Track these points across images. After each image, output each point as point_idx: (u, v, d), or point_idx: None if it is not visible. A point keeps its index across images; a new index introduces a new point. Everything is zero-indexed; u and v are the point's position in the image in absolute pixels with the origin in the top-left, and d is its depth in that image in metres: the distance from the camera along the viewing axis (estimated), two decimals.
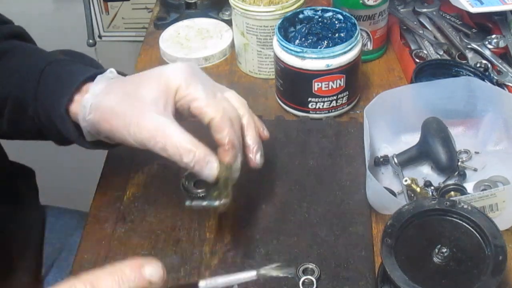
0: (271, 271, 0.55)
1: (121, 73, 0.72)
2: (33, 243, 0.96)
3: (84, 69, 0.71)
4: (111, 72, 0.70)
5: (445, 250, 0.60)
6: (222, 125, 0.64)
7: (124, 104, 0.64)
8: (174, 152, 0.62)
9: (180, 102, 0.65)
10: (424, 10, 1.04)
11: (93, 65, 0.75)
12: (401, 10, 1.05)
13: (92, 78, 0.69)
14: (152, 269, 0.47)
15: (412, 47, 1.00)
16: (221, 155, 0.64)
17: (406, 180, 0.75)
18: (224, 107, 0.65)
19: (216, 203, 0.64)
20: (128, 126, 0.63)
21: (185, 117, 0.67)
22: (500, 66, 0.93)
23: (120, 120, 0.64)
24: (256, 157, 0.69)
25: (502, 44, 0.95)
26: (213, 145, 0.65)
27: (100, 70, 0.71)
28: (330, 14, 0.90)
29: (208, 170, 0.63)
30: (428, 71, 0.91)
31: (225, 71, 1.02)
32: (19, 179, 0.97)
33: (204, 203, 0.65)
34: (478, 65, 0.93)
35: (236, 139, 0.65)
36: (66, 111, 0.68)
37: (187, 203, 0.66)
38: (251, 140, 0.68)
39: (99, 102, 0.66)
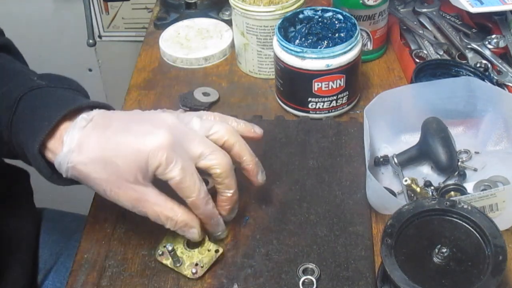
0: None
1: (99, 105, 0.70)
2: (27, 246, 0.94)
3: (60, 104, 0.68)
4: (82, 119, 0.66)
5: (445, 250, 0.60)
6: (195, 205, 0.67)
7: (100, 172, 0.64)
8: (156, 219, 0.66)
9: (159, 176, 0.66)
10: (424, 10, 1.04)
11: (72, 87, 0.73)
12: (401, 10, 1.05)
13: (69, 117, 0.67)
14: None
15: (412, 47, 1.00)
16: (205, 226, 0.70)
17: (406, 180, 0.75)
18: (199, 186, 0.66)
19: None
20: (105, 192, 0.66)
21: None
22: (500, 66, 0.93)
23: (97, 186, 0.66)
24: (258, 178, 0.72)
25: (502, 44, 0.95)
26: None
27: (77, 102, 0.68)
28: (330, 14, 0.90)
29: (191, 234, 0.68)
30: (428, 71, 0.91)
31: (225, 71, 1.02)
32: (12, 181, 0.97)
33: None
34: (478, 65, 0.93)
35: (210, 215, 0.69)
36: (39, 151, 0.66)
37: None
38: (249, 165, 0.71)
39: (73, 164, 0.65)
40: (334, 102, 0.88)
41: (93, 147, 0.65)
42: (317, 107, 0.88)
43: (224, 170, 0.67)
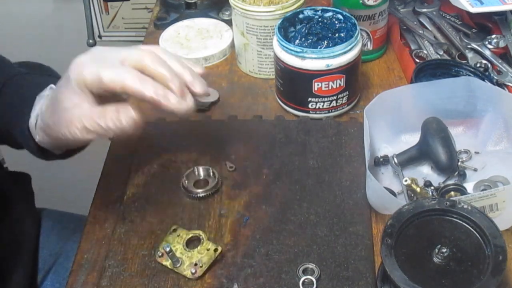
0: None
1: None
2: (28, 247, 0.95)
3: (39, 85, 0.76)
4: (50, 88, 0.75)
5: (445, 250, 0.60)
6: (132, 85, 0.64)
7: (53, 118, 0.69)
8: (94, 126, 0.65)
9: (93, 90, 0.65)
10: (424, 10, 1.04)
11: (48, 73, 0.81)
12: (401, 10, 1.05)
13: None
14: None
15: (412, 47, 1.00)
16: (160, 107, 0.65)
17: (406, 180, 0.75)
18: (126, 66, 0.65)
19: None
20: (59, 132, 0.67)
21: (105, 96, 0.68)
22: (500, 66, 0.93)
23: (56, 133, 0.68)
24: (195, 88, 0.68)
25: (502, 44, 0.95)
26: None
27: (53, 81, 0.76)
28: (330, 14, 0.90)
29: (126, 115, 0.64)
30: (428, 71, 0.91)
31: (225, 71, 1.02)
32: (14, 184, 0.97)
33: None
34: (478, 65, 0.93)
35: (153, 89, 0.64)
36: (28, 129, 0.74)
37: None
38: (172, 83, 0.66)
39: (40, 122, 0.72)
40: (334, 102, 0.88)
41: (49, 104, 0.71)
42: (317, 107, 0.88)
43: (152, 58, 0.65)
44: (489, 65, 0.93)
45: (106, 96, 0.66)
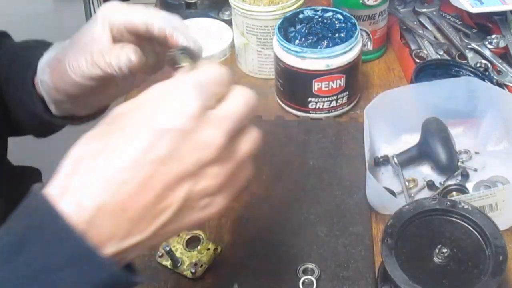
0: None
1: None
2: None
3: (41, 49, 0.73)
4: (69, 41, 0.71)
5: (446, 250, 0.60)
6: (156, 20, 0.60)
7: (65, 50, 0.65)
8: (98, 59, 0.61)
9: (115, 29, 0.63)
10: (424, 10, 1.04)
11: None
12: (401, 10, 1.05)
13: None
14: None
15: (412, 47, 1.00)
16: (170, 42, 0.60)
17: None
18: (155, 10, 0.63)
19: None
20: (68, 63, 0.63)
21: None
22: (500, 66, 0.93)
23: (62, 62, 0.64)
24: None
25: (502, 44, 0.95)
26: None
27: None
28: (330, 14, 0.90)
29: (126, 54, 0.60)
30: (428, 71, 0.91)
31: None
32: (24, 180, 0.97)
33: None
34: (478, 65, 0.93)
35: (177, 21, 0.61)
36: (32, 85, 0.70)
37: None
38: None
39: (50, 60, 0.68)
40: (334, 102, 0.88)
41: (68, 43, 0.68)
42: (317, 107, 0.88)
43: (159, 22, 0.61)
44: (489, 65, 0.93)
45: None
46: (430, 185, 0.78)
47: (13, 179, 0.93)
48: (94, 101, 0.71)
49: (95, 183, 0.44)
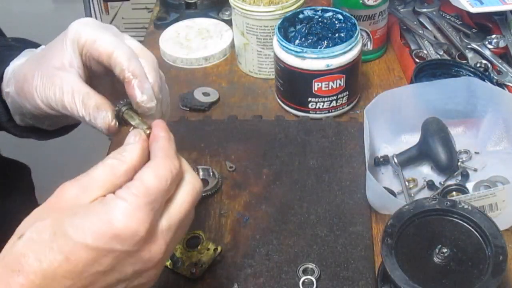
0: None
1: None
2: None
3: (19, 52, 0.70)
4: (41, 48, 0.69)
5: (446, 250, 0.60)
6: (121, 56, 0.58)
7: (33, 69, 0.62)
8: (70, 104, 0.59)
9: (84, 52, 0.61)
10: (424, 10, 1.04)
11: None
12: (401, 10, 1.05)
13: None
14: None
15: (412, 47, 1.00)
16: (126, 89, 0.58)
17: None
18: (127, 42, 0.62)
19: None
20: (35, 88, 0.61)
21: (96, 72, 0.63)
22: (500, 66, 0.93)
23: (30, 84, 0.62)
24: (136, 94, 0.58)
25: (502, 44, 0.95)
26: None
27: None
28: (330, 14, 0.90)
29: (102, 119, 0.58)
30: (428, 71, 0.91)
31: (225, 71, 1.02)
32: (13, 177, 0.96)
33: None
34: (478, 65, 0.93)
35: (138, 67, 0.58)
36: None
37: None
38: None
39: (16, 72, 0.65)
40: (334, 102, 0.88)
41: (35, 55, 0.66)
42: (317, 107, 0.88)
43: (121, 52, 0.59)
44: (489, 65, 0.93)
45: (94, 74, 0.62)
46: (430, 185, 0.78)
47: (2, 173, 0.92)
48: (59, 122, 0.70)
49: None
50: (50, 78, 0.60)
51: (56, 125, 0.71)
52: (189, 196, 0.53)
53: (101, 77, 0.63)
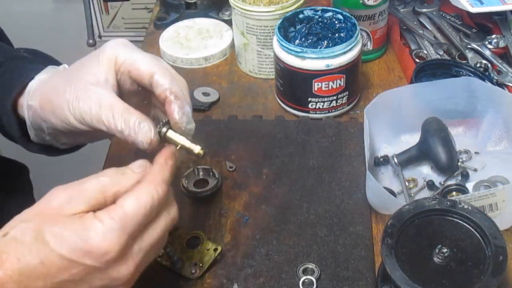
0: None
1: None
2: None
3: (34, 69, 0.69)
4: (63, 66, 0.71)
5: (446, 250, 0.60)
6: (163, 77, 0.61)
7: (64, 83, 0.63)
8: (108, 119, 0.60)
9: (120, 71, 0.62)
10: (424, 10, 1.04)
11: (51, 62, 0.74)
12: (401, 10, 1.05)
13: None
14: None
15: (412, 47, 1.00)
16: (167, 109, 0.61)
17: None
18: (164, 65, 0.63)
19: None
20: (67, 102, 0.62)
21: (128, 90, 0.65)
22: (500, 66, 0.93)
23: (60, 97, 0.62)
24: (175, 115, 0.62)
25: (502, 44, 0.95)
26: None
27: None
28: (330, 14, 0.90)
29: (143, 134, 0.60)
30: (428, 71, 0.91)
31: (225, 71, 1.02)
32: (12, 176, 0.96)
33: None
34: (478, 65, 0.93)
35: (180, 90, 0.61)
36: (12, 106, 0.68)
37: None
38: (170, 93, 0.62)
39: (42, 86, 0.66)
40: (334, 102, 0.88)
41: (63, 71, 0.68)
42: (317, 107, 0.88)
43: (151, 66, 0.61)
44: (489, 65, 0.93)
45: (123, 93, 0.63)
46: (430, 185, 0.78)
47: (1, 173, 0.92)
48: (78, 139, 0.70)
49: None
50: (86, 93, 0.61)
51: (72, 143, 0.72)
52: (163, 223, 0.57)
53: (129, 97, 0.65)
